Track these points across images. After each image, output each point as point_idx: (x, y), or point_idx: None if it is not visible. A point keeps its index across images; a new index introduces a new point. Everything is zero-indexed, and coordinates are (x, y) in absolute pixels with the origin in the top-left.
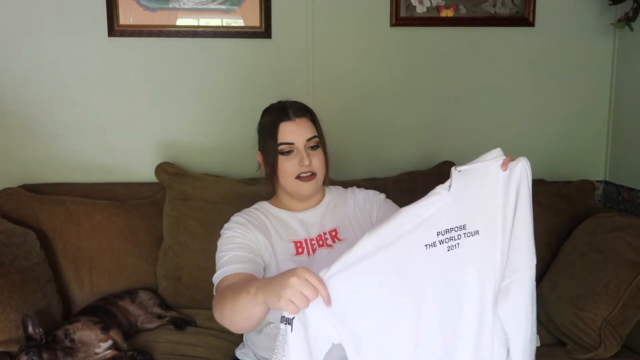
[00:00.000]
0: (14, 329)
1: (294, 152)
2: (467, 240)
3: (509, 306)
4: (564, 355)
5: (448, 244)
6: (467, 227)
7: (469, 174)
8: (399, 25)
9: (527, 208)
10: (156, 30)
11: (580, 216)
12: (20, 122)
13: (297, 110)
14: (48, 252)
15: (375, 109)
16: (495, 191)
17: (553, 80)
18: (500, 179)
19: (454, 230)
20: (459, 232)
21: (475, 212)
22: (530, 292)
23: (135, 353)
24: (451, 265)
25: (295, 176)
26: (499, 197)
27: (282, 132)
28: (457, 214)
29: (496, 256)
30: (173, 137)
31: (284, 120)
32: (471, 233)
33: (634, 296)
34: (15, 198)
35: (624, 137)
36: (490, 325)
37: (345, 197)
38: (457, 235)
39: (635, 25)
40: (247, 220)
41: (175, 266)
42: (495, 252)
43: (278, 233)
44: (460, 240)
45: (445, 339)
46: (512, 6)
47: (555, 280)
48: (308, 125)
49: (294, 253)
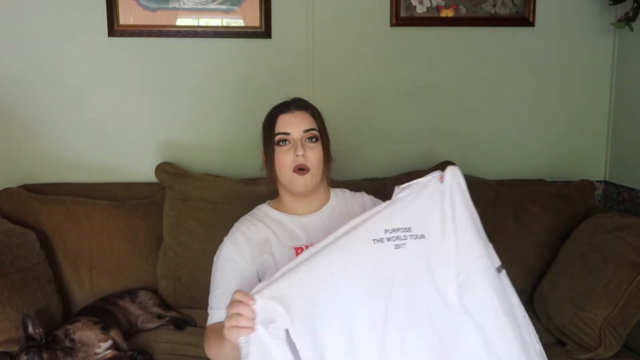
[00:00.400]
0: (14, 329)
1: (290, 143)
2: (414, 242)
3: (473, 298)
4: (564, 355)
5: (395, 242)
6: (412, 230)
7: (410, 188)
8: (399, 25)
9: (463, 208)
10: (156, 30)
11: (580, 216)
12: (20, 122)
13: (298, 103)
14: (48, 252)
15: (375, 109)
16: (434, 200)
17: (553, 80)
18: (438, 190)
19: (400, 231)
20: (405, 233)
21: (419, 218)
22: (489, 279)
23: (135, 353)
24: (399, 263)
25: (291, 169)
26: (437, 205)
27: (280, 123)
28: (402, 218)
29: (450, 259)
30: (173, 137)
31: (283, 112)
32: (417, 236)
33: (634, 296)
34: (15, 198)
35: (624, 137)
36: (456, 322)
37: (353, 203)
38: (403, 236)
39: (635, 25)
40: (244, 236)
41: (175, 266)
42: (447, 255)
43: (278, 239)
44: (407, 241)
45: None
46: (512, 6)
47: (555, 280)
48: (307, 118)
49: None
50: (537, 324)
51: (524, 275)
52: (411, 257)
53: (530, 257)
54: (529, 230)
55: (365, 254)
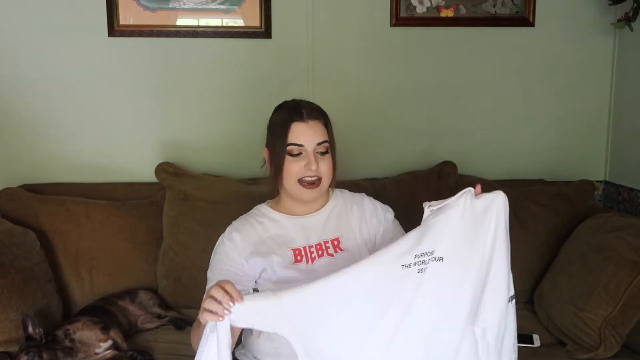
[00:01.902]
0: (14, 329)
1: (302, 154)
2: (433, 264)
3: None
4: (564, 355)
5: (419, 266)
6: (434, 253)
7: (440, 209)
8: (399, 25)
9: (504, 236)
10: (156, 30)
11: (580, 216)
12: (20, 122)
13: (311, 111)
14: (48, 252)
15: (375, 109)
16: (464, 221)
17: (553, 80)
18: (471, 209)
19: (425, 255)
20: (428, 256)
21: (442, 239)
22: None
23: (135, 353)
24: (413, 286)
25: (298, 179)
26: (469, 226)
27: (293, 132)
28: (428, 241)
29: (464, 282)
30: (173, 137)
31: (297, 120)
32: (436, 258)
33: (634, 296)
34: (15, 198)
35: (624, 137)
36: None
37: (352, 205)
38: (427, 260)
39: (635, 25)
40: (240, 235)
41: (175, 266)
42: (465, 277)
43: (274, 240)
44: (428, 265)
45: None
46: (512, 6)
47: (555, 280)
48: (320, 128)
49: (292, 260)
50: (537, 324)
51: (524, 275)
52: (426, 281)
53: (530, 257)
54: (528, 230)
55: (391, 275)
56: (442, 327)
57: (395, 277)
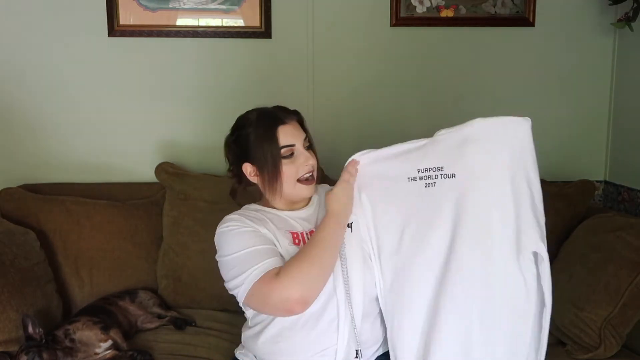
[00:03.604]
0: (14, 329)
1: (294, 154)
2: (442, 181)
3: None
4: (564, 355)
5: (426, 181)
6: (444, 169)
7: (450, 129)
8: (399, 25)
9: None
10: (156, 30)
11: (580, 216)
12: (20, 122)
13: (287, 113)
14: (48, 252)
15: (375, 108)
16: (489, 143)
17: (553, 80)
18: (487, 132)
19: (432, 170)
20: (436, 172)
21: (453, 157)
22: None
23: (135, 353)
24: (426, 202)
25: (296, 179)
26: (495, 149)
27: (282, 136)
28: (436, 157)
29: (489, 203)
30: (173, 137)
31: (280, 124)
32: (447, 175)
33: (634, 296)
34: (15, 198)
35: (624, 137)
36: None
37: (322, 193)
38: (434, 175)
39: (635, 25)
40: (245, 216)
41: (175, 266)
42: (486, 198)
43: (275, 225)
44: (437, 180)
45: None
46: (512, 6)
47: (555, 281)
48: (298, 126)
49: (291, 241)
50: None
51: None
52: (438, 197)
53: None
54: None
55: (401, 190)
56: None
57: (403, 191)
